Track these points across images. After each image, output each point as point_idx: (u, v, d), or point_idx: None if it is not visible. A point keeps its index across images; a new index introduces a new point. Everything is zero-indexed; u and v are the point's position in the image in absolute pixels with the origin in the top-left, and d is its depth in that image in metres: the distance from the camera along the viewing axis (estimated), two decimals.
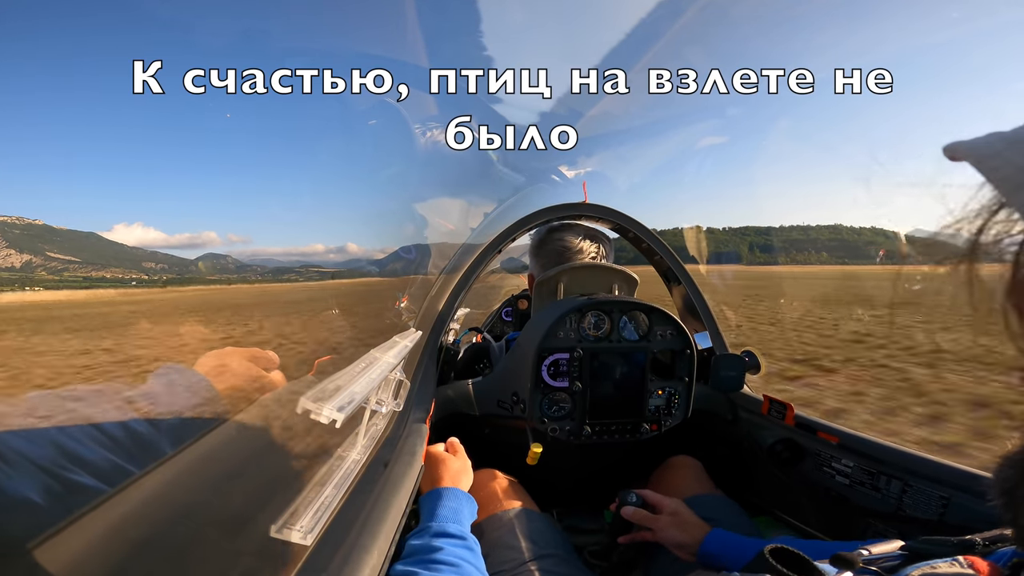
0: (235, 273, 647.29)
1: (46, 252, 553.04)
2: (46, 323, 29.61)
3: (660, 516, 0.97)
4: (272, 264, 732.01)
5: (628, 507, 0.99)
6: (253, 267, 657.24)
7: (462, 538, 0.81)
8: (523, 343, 1.24)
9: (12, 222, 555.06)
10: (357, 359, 0.84)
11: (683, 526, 0.94)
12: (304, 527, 0.56)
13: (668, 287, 1.75)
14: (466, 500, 0.92)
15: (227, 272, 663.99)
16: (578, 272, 1.34)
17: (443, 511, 0.86)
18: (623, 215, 1.60)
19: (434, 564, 0.73)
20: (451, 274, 1.53)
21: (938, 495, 0.92)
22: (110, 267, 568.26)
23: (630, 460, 1.44)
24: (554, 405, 1.20)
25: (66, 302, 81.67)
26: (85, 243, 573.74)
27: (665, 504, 0.98)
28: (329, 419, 0.58)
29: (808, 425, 1.21)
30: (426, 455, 1.01)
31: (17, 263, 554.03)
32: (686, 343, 1.24)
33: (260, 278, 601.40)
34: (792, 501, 1.28)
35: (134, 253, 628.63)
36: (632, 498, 1.00)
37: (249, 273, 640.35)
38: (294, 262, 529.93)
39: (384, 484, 0.81)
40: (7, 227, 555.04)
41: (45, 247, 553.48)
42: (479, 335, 1.61)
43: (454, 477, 0.97)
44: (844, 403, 4.82)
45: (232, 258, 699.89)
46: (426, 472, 0.98)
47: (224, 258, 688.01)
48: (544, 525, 1.06)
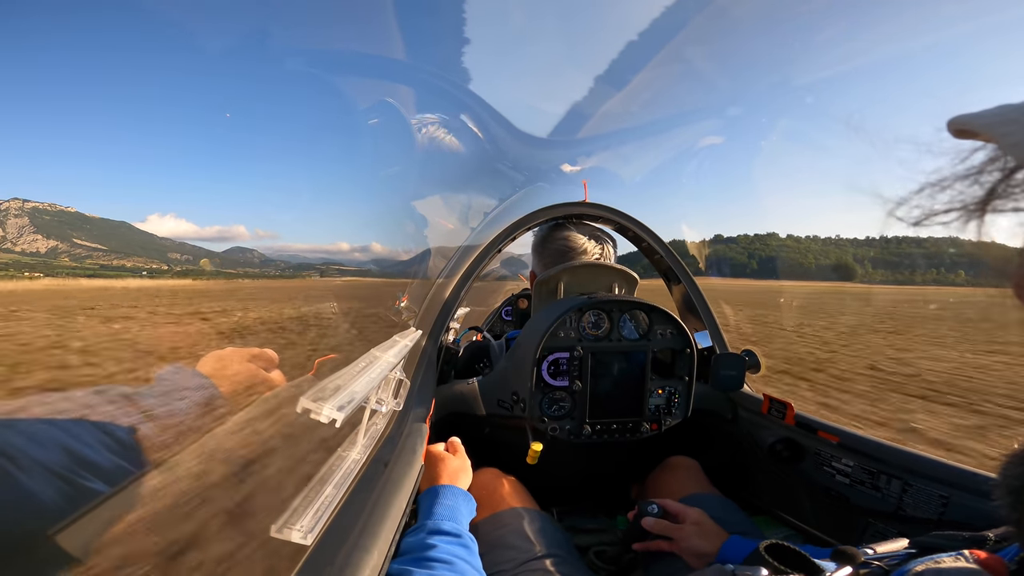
0: (258, 268, 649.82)
1: (73, 239, 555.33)
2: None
3: (683, 526, 0.96)
4: (296, 260, 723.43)
5: (649, 518, 0.98)
6: (276, 262, 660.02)
7: (457, 535, 0.81)
8: (523, 342, 1.23)
9: (44, 208, 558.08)
10: (357, 359, 0.84)
11: (706, 535, 0.93)
12: (304, 527, 0.56)
13: (668, 286, 1.75)
14: (464, 498, 0.92)
15: (251, 266, 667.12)
16: (578, 271, 1.34)
17: (439, 509, 0.86)
18: (623, 214, 1.60)
19: (428, 562, 0.72)
20: (451, 273, 1.53)
21: (938, 494, 0.92)
22: (133, 256, 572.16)
23: (630, 459, 1.44)
24: (554, 404, 1.20)
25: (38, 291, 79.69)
26: (115, 232, 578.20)
27: (689, 514, 0.97)
28: (329, 419, 0.58)
29: (808, 424, 1.21)
30: (426, 454, 1.01)
31: (42, 248, 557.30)
32: (686, 342, 1.24)
33: (279, 273, 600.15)
34: (792, 500, 1.28)
35: (162, 244, 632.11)
36: (653, 508, 0.99)
37: (271, 268, 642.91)
38: (319, 259, 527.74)
39: (384, 484, 0.81)
40: (38, 212, 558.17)
41: (73, 234, 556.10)
42: (479, 334, 1.61)
43: (452, 475, 0.97)
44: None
45: (258, 253, 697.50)
46: (425, 471, 0.98)
47: (251, 252, 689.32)
48: (544, 524, 1.06)
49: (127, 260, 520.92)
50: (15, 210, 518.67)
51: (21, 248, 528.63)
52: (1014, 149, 0.30)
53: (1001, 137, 0.31)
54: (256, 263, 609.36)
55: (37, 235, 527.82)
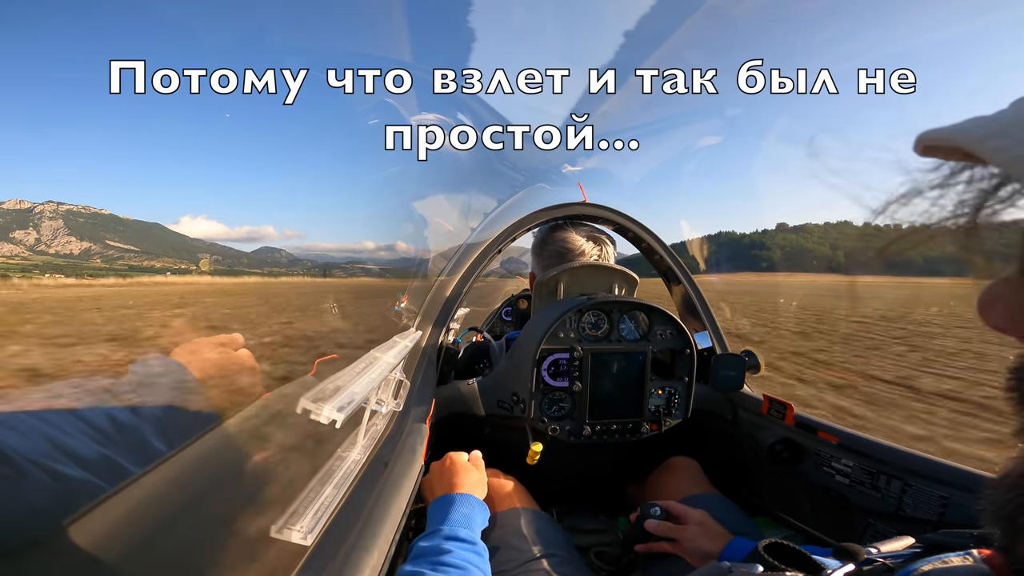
0: (285, 267, 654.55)
1: (106, 240, 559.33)
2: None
3: (687, 527, 0.96)
4: (323, 260, 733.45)
5: (652, 520, 0.99)
6: (304, 261, 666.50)
7: (472, 543, 0.82)
8: (523, 343, 1.24)
9: (78, 210, 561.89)
10: (357, 359, 0.84)
11: (711, 535, 0.93)
12: (304, 527, 0.56)
13: (668, 286, 1.75)
14: (479, 508, 0.93)
15: (278, 266, 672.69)
16: (578, 272, 1.34)
17: (456, 516, 0.86)
18: (623, 214, 1.60)
19: (442, 566, 0.73)
20: (451, 274, 1.53)
21: (938, 495, 0.92)
22: (162, 257, 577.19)
23: (630, 460, 1.44)
24: (554, 405, 1.20)
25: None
26: (148, 233, 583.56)
27: (691, 515, 0.98)
28: (329, 419, 0.58)
29: (808, 425, 1.21)
30: (447, 459, 1.02)
31: (76, 250, 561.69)
32: (686, 343, 1.24)
33: (306, 272, 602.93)
34: (792, 501, 1.28)
35: (193, 244, 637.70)
36: (656, 511, 1.00)
37: (298, 268, 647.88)
38: (344, 258, 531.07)
39: (384, 484, 0.81)
40: (72, 215, 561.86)
41: (106, 236, 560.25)
42: (479, 335, 1.61)
43: (472, 486, 0.98)
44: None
45: (286, 252, 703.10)
46: (444, 476, 0.98)
47: (279, 252, 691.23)
48: (544, 525, 1.07)
49: (156, 261, 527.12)
50: (49, 213, 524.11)
51: (55, 250, 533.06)
52: (1013, 165, 0.28)
53: (994, 152, 0.28)
54: (284, 262, 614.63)
55: (71, 237, 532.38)
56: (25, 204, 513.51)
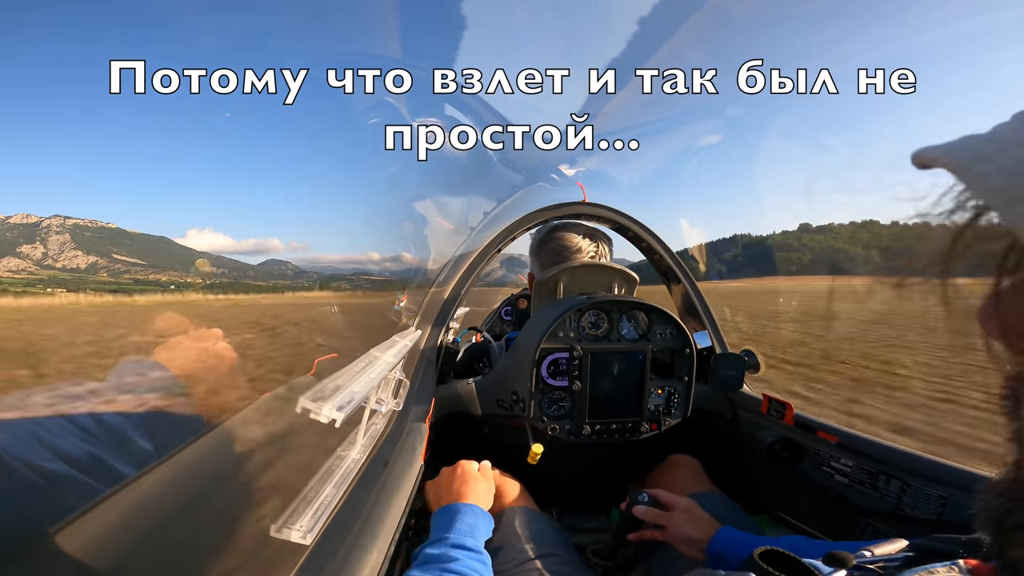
0: (290, 279, 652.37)
1: (112, 254, 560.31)
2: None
3: (673, 513, 0.97)
4: (329, 271, 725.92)
5: (640, 506, 1.00)
6: (310, 273, 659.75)
7: (478, 552, 0.84)
8: (523, 342, 1.24)
9: (85, 224, 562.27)
10: (356, 359, 0.84)
11: (696, 522, 0.94)
12: (304, 527, 0.56)
13: (668, 286, 1.75)
14: (484, 519, 0.94)
15: (284, 278, 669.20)
16: (578, 271, 1.34)
17: (462, 525, 0.88)
18: (622, 213, 1.60)
19: (450, 573, 0.75)
20: (451, 274, 1.53)
21: (937, 495, 0.92)
22: (168, 271, 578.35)
23: (630, 459, 1.44)
24: (554, 404, 1.20)
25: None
26: (154, 247, 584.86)
27: (678, 502, 0.99)
28: (328, 419, 0.58)
29: (807, 424, 1.21)
30: (459, 467, 1.03)
31: (82, 264, 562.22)
32: (685, 342, 1.24)
33: (309, 284, 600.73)
34: (791, 500, 1.28)
35: (199, 258, 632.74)
36: (644, 497, 1.01)
37: (304, 280, 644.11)
38: (350, 269, 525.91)
39: (384, 483, 0.81)
40: (79, 229, 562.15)
41: (113, 249, 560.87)
42: (479, 334, 1.61)
43: (479, 496, 0.99)
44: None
45: (291, 264, 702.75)
46: (454, 484, 1.00)
47: (285, 264, 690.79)
48: (544, 524, 1.07)
49: (162, 274, 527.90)
50: (56, 227, 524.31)
51: (62, 264, 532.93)
52: (992, 195, 0.26)
53: (976, 180, 0.27)
54: (289, 275, 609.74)
55: (77, 251, 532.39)
56: (32, 218, 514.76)
